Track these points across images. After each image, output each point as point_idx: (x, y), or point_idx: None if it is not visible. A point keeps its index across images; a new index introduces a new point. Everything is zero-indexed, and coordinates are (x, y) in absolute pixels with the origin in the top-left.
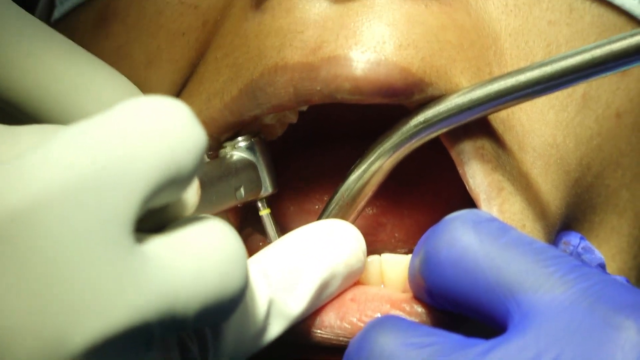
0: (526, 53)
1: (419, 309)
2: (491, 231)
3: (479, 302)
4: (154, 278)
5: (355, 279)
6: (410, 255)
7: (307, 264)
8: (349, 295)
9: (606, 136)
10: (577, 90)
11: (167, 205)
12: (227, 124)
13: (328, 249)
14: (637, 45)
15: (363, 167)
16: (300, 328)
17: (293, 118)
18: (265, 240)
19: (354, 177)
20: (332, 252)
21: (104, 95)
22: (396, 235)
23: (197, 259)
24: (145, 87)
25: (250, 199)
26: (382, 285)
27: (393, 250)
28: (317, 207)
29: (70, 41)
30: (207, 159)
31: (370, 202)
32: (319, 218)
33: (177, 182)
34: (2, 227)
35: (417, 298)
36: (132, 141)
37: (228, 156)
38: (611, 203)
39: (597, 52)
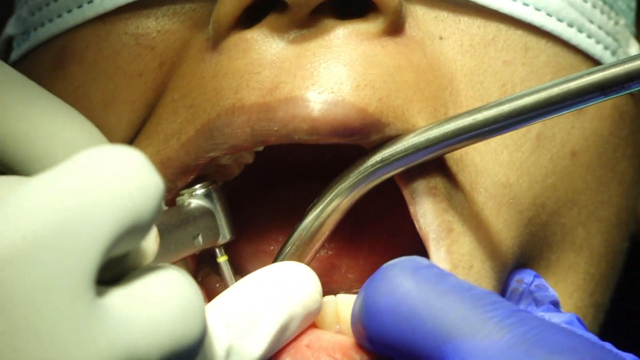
0: (481, 93)
1: (364, 356)
2: (430, 278)
3: (417, 348)
4: (113, 331)
5: (312, 319)
6: None
7: (266, 307)
8: (304, 340)
9: (561, 175)
10: (532, 130)
11: (127, 253)
12: (183, 165)
13: (285, 291)
14: (593, 84)
15: (320, 206)
16: None
17: (249, 158)
18: (221, 281)
19: (311, 217)
20: (289, 295)
21: (65, 135)
22: (350, 276)
23: (155, 310)
24: (103, 127)
25: (208, 246)
26: (338, 326)
27: (348, 290)
28: (272, 247)
29: (29, 80)
30: (164, 207)
31: (325, 243)
32: (276, 258)
33: (137, 230)
34: None
35: (359, 345)
36: (90, 194)
37: (186, 204)
38: (567, 241)
39: (554, 91)
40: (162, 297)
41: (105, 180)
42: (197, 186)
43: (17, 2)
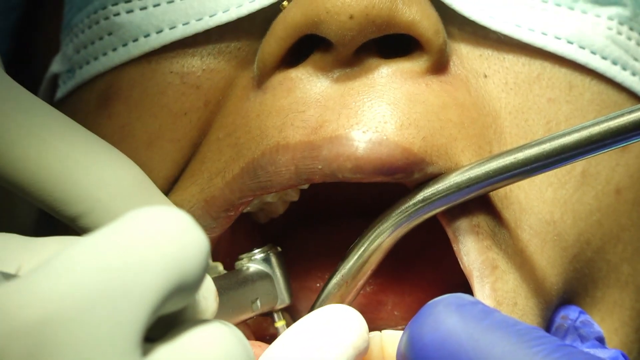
0: (526, 131)
1: None
2: (475, 314)
3: None
4: None
5: (362, 358)
6: None
7: (319, 355)
8: None
9: (606, 212)
10: (576, 167)
11: (185, 310)
12: (227, 203)
13: (335, 336)
14: (635, 122)
15: (363, 246)
16: None
17: (294, 196)
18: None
19: (354, 256)
20: (339, 339)
21: (107, 177)
22: (396, 313)
23: None
24: (147, 166)
25: (266, 310)
26: None
27: (394, 327)
28: (317, 284)
29: (72, 121)
30: (223, 271)
31: (370, 280)
32: (319, 297)
33: (184, 289)
34: (18, 341)
35: None
36: (137, 256)
37: (244, 268)
38: (612, 277)
39: (595, 130)
40: (208, 351)
41: (152, 241)
42: (256, 250)
43: (62, 39)
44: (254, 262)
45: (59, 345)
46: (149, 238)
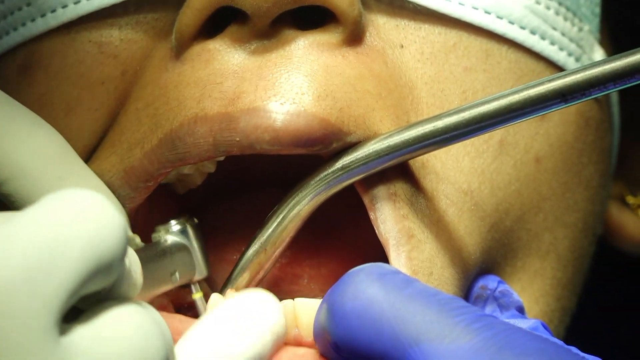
0: (442, 100)
1: None
2: (396, 283)
3: (384, 352)
4: None
5: (281, 343)
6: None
7: (237, 341)
8: None
9: (525, 181)
10: (494, 136)
11: (114, 286)
12: (146, 174)
13: (253, 323)
14: (554, 91)
15: (282, 213)
16: None
17: (211, 168)
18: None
19: (272, 223)
20: (257, 326)
21: (30, 144)
22: (313, 286)
23: (114, 347)
24: (66, 134)
25: (184, 282)
26: (297, 329)
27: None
28: (235, 257)
29: None
30: (141, 244)
31: (286, 253)
32: (237, 263)
33: (104, 270)
34: None
35: (324, 355)
36: (54, 241)
37: (162, 240)
38: (533, 247)
39: (515, 98)
40: (122, 333)
41: (68, 226)
42: (173, 222)
43: None
44: (171, 234)
45: None
46: (66, 222)
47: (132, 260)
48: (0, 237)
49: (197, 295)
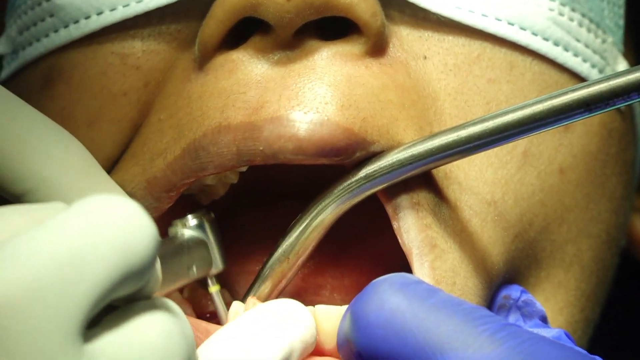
0: (466, 112)
1: None
2: (419, 293)
3: None
4: None
5: (309, 352)
6: (344, 306)
7: (267, 343)
8: None
9: (549, 192)
10: (518, 147)
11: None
12: (169, 184)
13: (284, 328)
14: (577, 100)
15: (305, 222)
16: None
17: (234, 178)
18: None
19: (295, 232)
20: (288, 331)
21: (53, 154)
22: (336, 296)
23: (139, 349)
24: (88, 147)
25: (201, 276)
26: (317, 336)
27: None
28: (257, 268)
29: (18, 99)
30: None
31: (309, 264)
32: (260, 271)
33: (133, 277)
34: None
35: None
36: (84, 247)
37: (179, 234)
38: (557, 258)
39: (538, 108)
40: (146, 341)
41: (98, 232)
42: (190, 217)
43: (7, 21)
44: (188, 228)
45: (1, 336)
46: (96, 227)
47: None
48: (31, 239)
49: (214, 289)
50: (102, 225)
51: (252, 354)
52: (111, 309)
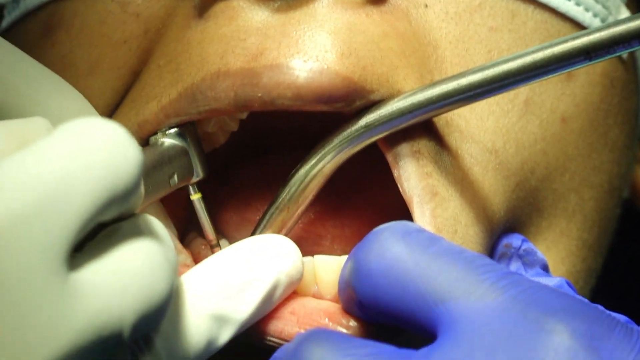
0: (467, 60)
1: (353, 323)
2: (421, 241)
3: (409, 311)
4: (84, 302)
5: (294, 288)
6: (343, 256)
7: (251, 275)
8: (288, 308)
9: (551, 141)
10: (519, 96)
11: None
12: (160, 127)
13: (269, 261)
14: (578, 48)
15: (303, 170)
16: (245, 335)
17: (234, 126)
18: (207, 244)
19: (295, 181)
20: (273, 264)
21: (51, 104)
22: (336, 247)
23: (123, 276)
24: (88, 94)
25: (182, 185)
26: (316, 287)
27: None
28: (257, 217)
29: (17, 49)
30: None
31: (309, 213)
32: (260, 220)
33: (118, 200)
34: None
35: (348, 311)
36: (68, 171)
37: (159, 143)
38: (559, 207)
39: (539, 55)
40: (131, 264)
41: (83, 156)
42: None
43: None
44: (167, 136)
45: None
46: (80, 152)
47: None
48: (14, 165)
49: (196, 197)
50: (87, 149)
51: (236, 284)
52: (97, 228)
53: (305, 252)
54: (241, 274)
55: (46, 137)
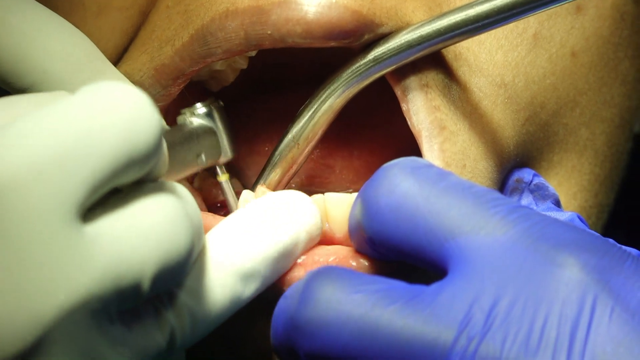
0: None
1: (363, 262)
2: (430, 176)
3: (420, 246)
4: (99, 254)
5: (313, 244)
6: (354, 194)
7: (274, 232)
8: (299, 259)
9: (561, 75)
10: (528, 29)
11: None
12: (178, 71)
13: (290, 218)
14: None
15: (314, 106)
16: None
17: (243, 63)
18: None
19: (305, 116)
20: (295, 221)
21: (58, 48)
22: (344, 176)
23: (140, 229)
24: (96, 36)
25: (210, 164)
26: (327, 224)
27: (344, 191)
28: (266, 148)
29: None
30: (167, 127)
31: (319, 144)
32: (271, 156)
33: (136, 162)
34: None
35: (359, 251)
36: (86, 131)
37: (188, 122)
38: (570, 141)
39: None
40: (149, 217)
41: (102, 117)
42: (199, 105)
43: None
44: (196, 116)
45: (2, 213)
46: (99, 112)
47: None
48: (33, 121)
49: (223, 178)
50: (106, 110)
51: (258, 242)
52: (117, 194)
53: (314, 183)
54: (263, 232)
55: (68, 98)
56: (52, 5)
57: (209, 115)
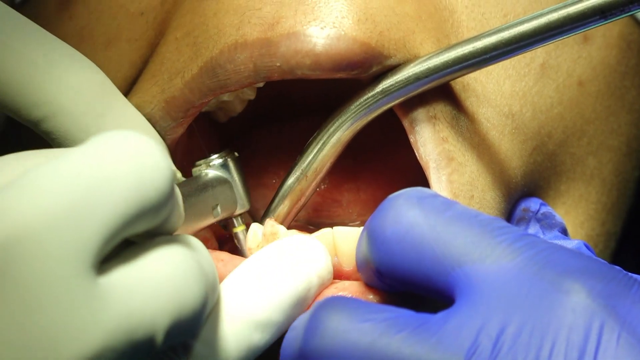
0: (483, 24)
1: (371, 295)
2: (436, 206)
3: (426, 275)
4: (113, 308)
5: (326, 286)
6: (362, 227)
7: (287, 278)
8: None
9: (568, 104)
10: (535, 59)
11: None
12: (187, 103)
13: (303, 263)
14: (593, 8)
15: (322, 139)
16: None
17: (251, 94)
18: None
19: (313, 149)
20: (306, 266)
21: (69, 80)
22: (351, 210)
23: (154, 282)
24: (106, 67)
25: (226, 216)
26: (336, 258)
27: (351, 224)
28: (274, 181)
29: (33, 23)
30: (182, 178)
31: (325, 178)
32: (279, 190)
33: (149, 211)
34: None
35: (367, 284)
36: (99, 183)
37: (203, 174)
38: (578, 170)
39: (554, 16)
40: (162, 272)
41: (113, 167)
42: (214, 156)
43: None
44: (212, 167)
45: (17, 262)
46: (112, 163)
47: (175, 194)
48: (46, 172)
49: (239, 229)
50: (117, 160)
51: (271, 289)
52: (130, 245)
53: (322, 216)
54: (276, 279)
55: (77, 149)
56: (61, 35)
57: (224, 166)
